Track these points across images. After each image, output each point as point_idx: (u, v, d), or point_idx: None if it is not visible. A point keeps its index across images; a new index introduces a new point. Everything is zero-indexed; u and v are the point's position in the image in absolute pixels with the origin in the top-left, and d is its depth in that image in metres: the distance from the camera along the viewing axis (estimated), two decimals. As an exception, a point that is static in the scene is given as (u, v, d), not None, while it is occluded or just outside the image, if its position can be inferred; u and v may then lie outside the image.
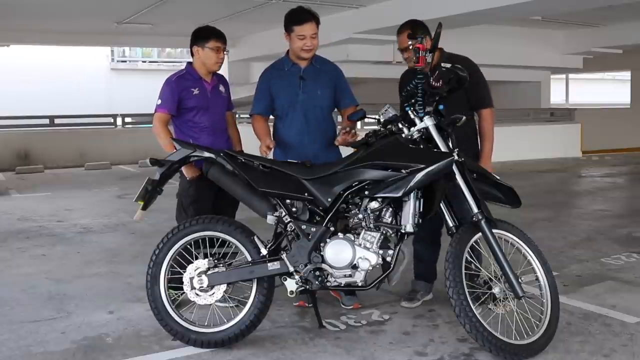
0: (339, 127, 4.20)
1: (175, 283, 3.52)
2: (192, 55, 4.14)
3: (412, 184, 3.25)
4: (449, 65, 3.46)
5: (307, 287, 3.40)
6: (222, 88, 4.25)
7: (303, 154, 3.85)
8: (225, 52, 4.13)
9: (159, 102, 4.04)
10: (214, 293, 3.41)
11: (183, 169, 3.94)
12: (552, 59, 16.09)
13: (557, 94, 23.27)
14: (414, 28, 3.92)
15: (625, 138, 17.17)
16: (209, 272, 3.41)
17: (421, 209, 3.39)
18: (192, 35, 4.15)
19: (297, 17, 3.95)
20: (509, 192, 3.47)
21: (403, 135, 3.45)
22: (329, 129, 4.13)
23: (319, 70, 4.09)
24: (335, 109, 4.24)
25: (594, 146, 15.88)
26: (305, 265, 3.38)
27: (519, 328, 3.32)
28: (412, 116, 3.46)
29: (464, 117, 3.45)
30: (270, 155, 3.89)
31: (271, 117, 4.20)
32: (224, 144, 4.10)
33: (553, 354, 3.28)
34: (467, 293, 3.18)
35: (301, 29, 3.92)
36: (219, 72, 4.23)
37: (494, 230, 3.36)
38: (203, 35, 4.10)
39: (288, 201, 3.45)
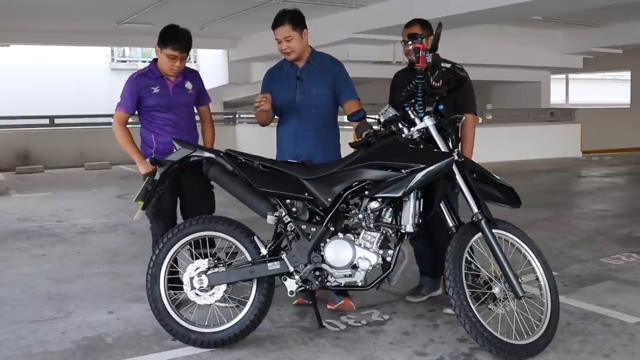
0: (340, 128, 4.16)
1: (175, 283, 3.52)
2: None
3: (412, 184, 3.25)
4: (449, 65, 3.45)
5: (307, 287, 3.40)
6: (188, 85, 4.11)
7: (298, 154, 3.82)
8: (186, 60, 3.98)
9: (119, 100, 3.99)
10: (214, 293, 3.41)
11: (137, 164, 3.91)
12: (552, 59, 16.12)
13: (557, 94, 23.28)
14: (422, 26, 3.98)
15: (625, 138, 17.19)
16: (209, 272, 3.41)
17: (421, 209, 3.39)
18: (159, 32, 3.98)
19: (274, 22, 3.94)
20: (509, 192, 3.46)
21: (403, 135, 3.45)
22: (325, 128, 4.03)
23: (317, 68, 4.01)
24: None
25: (594, 146, 15.89)
26: (305, 265, 3.38)
27: (519, 328, 3.32)
28: (412, 116, 3.47)
29: (464, 117, 3.45)
30: (267, 106, 3.78)
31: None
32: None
33: (553, 354, 3.28)
34: (467, 293, 3.18)
35: (275, 33, 3.92)
36: (193, 67, 4.11)
37: (494, 230, 3.36)
38: (162, 39, 3.93)
39: (288, 201, 3.45)
